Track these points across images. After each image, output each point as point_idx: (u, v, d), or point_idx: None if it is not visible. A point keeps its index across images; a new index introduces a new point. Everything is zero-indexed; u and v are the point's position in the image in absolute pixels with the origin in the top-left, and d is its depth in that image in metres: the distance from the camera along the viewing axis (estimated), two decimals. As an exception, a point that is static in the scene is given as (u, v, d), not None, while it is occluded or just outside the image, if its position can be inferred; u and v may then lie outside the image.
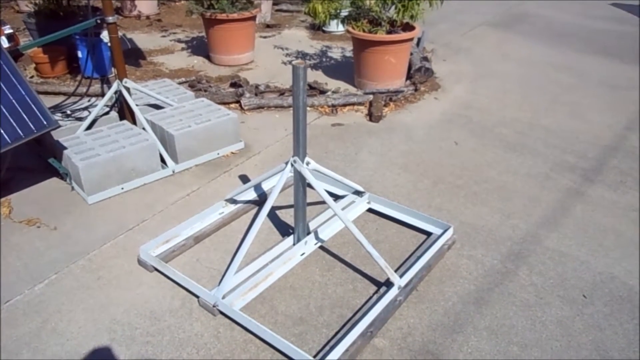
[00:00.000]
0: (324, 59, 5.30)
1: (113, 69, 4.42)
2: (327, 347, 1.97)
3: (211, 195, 2.94)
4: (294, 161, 2.23)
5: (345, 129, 3.77)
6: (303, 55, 5.43)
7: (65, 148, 2.93)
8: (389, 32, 4.25)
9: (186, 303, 2.18)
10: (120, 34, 3.22)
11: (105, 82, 4.38)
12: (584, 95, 4.45)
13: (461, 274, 2.36)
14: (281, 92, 4.32)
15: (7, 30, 4.26)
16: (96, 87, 4.11)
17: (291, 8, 7.27)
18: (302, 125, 2.14)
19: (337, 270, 2.38)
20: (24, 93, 2.74)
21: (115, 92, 3.37)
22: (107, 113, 3.48)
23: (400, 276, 2.22)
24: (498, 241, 2.59)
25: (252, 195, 2.87)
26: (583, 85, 4.68)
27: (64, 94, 4.09)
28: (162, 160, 3.14)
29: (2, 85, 2.69)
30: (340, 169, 3.20)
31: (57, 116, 3.38)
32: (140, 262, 2.39)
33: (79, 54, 4.47)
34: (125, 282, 2.30)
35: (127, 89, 3.32)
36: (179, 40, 5.90)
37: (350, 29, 4.31)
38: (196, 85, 4.36)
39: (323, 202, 2.63)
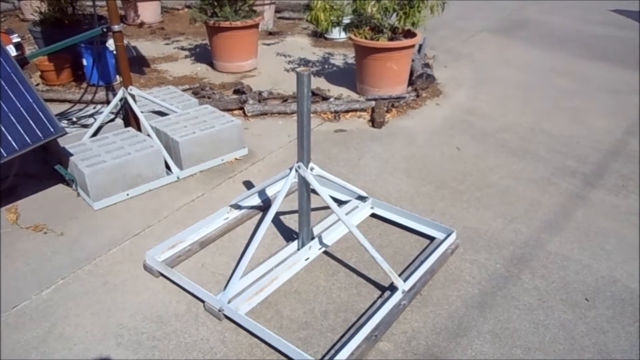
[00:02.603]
0: (326, 66, 5.34)
1: (118, 77, 4.47)
2: (332, 351, 1.99)
3: (216, 201, 2.96)
4: (299, 167, 2.25)
5: (348, 135, 3.80)
6: (305, 62, 5.47)
7: (71, 155, 2.97)
8: (390, 39, 4.29)
9: (192, 308, 2.20)
10: (125, 42, 3.26)
11: (110, 89, 4.42)
12: (585, 100, 4.48)
13: (464, 278, 2.38)
14: (284, 99, 4.36)
15: (15, 39, 4.31)
16: (101, 94, 4.15)
17: (293, 15, 7.32)
18: (307, 131, 2.16)
19: (342, 275, 2.40)
20: (31, 100, 2.77)
21: (121, 100, 3.40)
22: (112, 120, 3.53)
23: (404, 280, 2.24)
24: (501, 245, 2.60)
25: (256, 200, 2.89)
26: (584, 90, 4.70)
27: (69, 101, 4.13)
28: (167, 167, 3.17)
29: (10, 92, 2.73)
30: (344, 175, 3.23)
31: (63, 123, 3.42)
32: (146, 267, 2.41)
33: (84, 62, 4.52)
34: (132, 287, 2.32)
35: (132, 96, 3.36)
36: (182, 48, 5.95)
37: (352, 36, 4.35)
38: (200, 92, 4.40)
39: (327, 208, 2.66)
